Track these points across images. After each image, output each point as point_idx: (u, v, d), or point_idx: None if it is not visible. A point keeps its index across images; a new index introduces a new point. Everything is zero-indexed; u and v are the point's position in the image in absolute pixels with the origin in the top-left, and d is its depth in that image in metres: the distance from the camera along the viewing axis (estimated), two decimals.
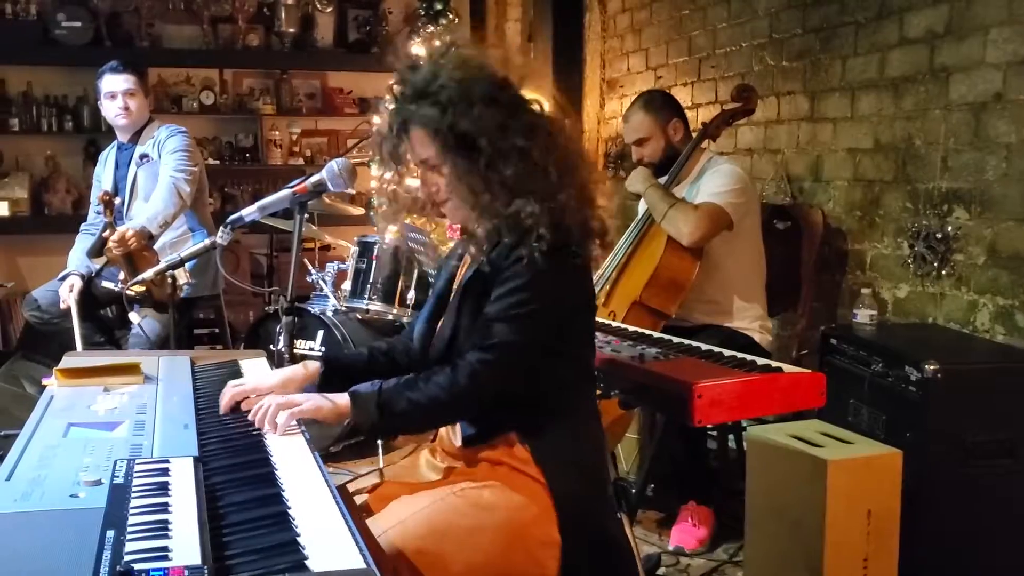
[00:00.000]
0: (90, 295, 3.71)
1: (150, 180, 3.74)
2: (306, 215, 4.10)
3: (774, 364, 2.05)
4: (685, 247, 3.02)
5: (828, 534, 2.31)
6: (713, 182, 3.07)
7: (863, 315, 2.97)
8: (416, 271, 3.87)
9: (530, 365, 1.66)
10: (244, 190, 6.06)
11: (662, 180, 3.21)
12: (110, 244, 3.35)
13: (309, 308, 3.89)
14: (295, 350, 3.89)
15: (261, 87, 6.17)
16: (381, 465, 3.54)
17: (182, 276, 2.66)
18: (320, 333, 3.85)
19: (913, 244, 3.07)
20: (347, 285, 3.97)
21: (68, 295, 3.62)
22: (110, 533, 1.13)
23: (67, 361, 2.12)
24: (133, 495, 1.27)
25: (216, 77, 6.05)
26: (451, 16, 5.69)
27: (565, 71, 5.26)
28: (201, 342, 4.39)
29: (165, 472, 1.37)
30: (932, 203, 3.02)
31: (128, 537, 1.13)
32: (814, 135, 3.58)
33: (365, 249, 3.91)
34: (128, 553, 1.09)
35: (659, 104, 3.29)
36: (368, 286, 3.87)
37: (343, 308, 3.94)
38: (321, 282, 4.05)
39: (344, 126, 6.35)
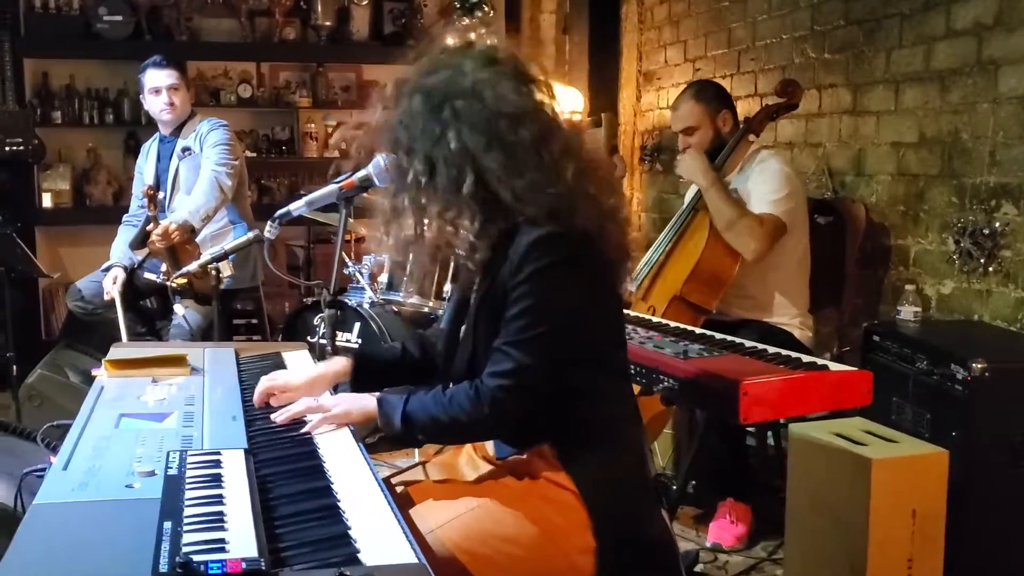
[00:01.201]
0: (132, 286, 3.75)
1: (191, 173, 3.78)
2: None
3: (820, 362, 2.04)
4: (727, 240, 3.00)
5: (872, 534, 2.28)
6: (765, 186, 3.03)
7: (907, 312, 2.93)
8: (452, 264, 3.86)
9: (551, 384, 1.61)
10: (280, 182, 6.09)
11: None
12: (153, 237, 3.39)
13: (346, 300, 3.91)
14: (336, 341, 3.93)
15: (297, 80, 6.20)
16: (417, 458, 3.55)
17: (226, 269, 2.68)
18: (357, 325, 3.87)
19: (959, 240, 3.03)
20: (384, 278, 3.98)
21: (112, 286, 3.67)
22: (167, 524, 1.15)
23: (114, 352, 2.15)
24: (187, 486, 1.28)
25: (253, 70, 6.09)
26: (486, 8, 5.68)
27: (601, 63, 5.25)
28: (239, 333, 4.42)
29: (217, 464, 1.39)
30: (979, 198, 2.97)
31: (185, 528, 1.14)
32: (856, 128, 3.54)
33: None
34: (186, 544, 1.10)
35: (710, 94, 3.27)
36: (405, 279, 3.88)
37: (380, 301, 3.95)
38: (358, 275, 4.07)
39: None
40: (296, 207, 1.82)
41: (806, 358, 2.07)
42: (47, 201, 5.58)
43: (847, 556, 2.33)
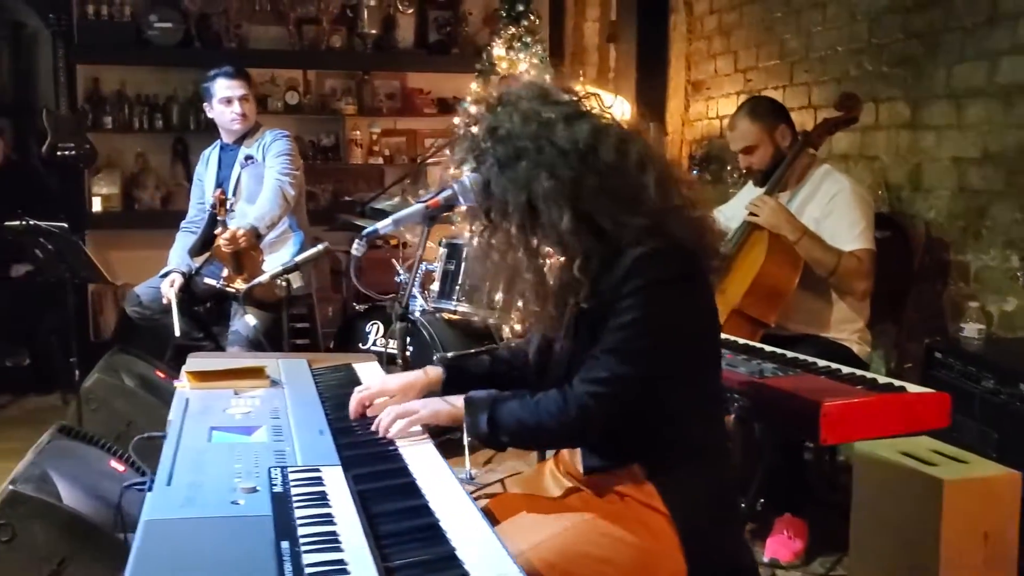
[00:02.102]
0: (189, 292, 3.80)
1: (253, 181, 3.84)
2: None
3: (897, 383, 2.02)
4: (787, 254, 2.99)
5: (943, 555, 2.27)
6: (847, 218, 3.00)
7: (971, 329, 2.91)
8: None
9: (641, 399, 1.61)
10: (325, 188, 6.15)
11: (763, 189, 3.18)
12: (220, 242, 3.45)
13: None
14: (384, 350, 3.96)
15: (343, 87, 6.25)
16: (468, 467, 3.57)
17: (296, 280, 2.72)
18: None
19: None
20: (435, 286, 4.00)
21: (168, 290, 3.72)
22: (284, 544, 1.16)
23: (192, 364, 2.17)
24: (295, 504, 1.30)
25: (300, 78, 6.15)
26: (532, 17, 5.68)
27: (649, 72, 5.24)
28: (290, 339, 4.47)
29: (319, 481, 1.41)
30: None
31: (303, 549, 1.16)
32: (914, 142, 3.51)
33: (453, 251, 3.94)
34: (308, 566, 1.12)
35: (765, 111, 3.25)
36: (456, 288, 3.90)
37: (431, 309, 3.98)
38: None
39: (423, 126, 6.41)
40: (383, 225, 1.84)
41: (882, 379, 2.06)
42: (97, 205, 5.67)
43: None
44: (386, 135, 6.32)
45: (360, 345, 3.98)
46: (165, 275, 3.82)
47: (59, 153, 5.17)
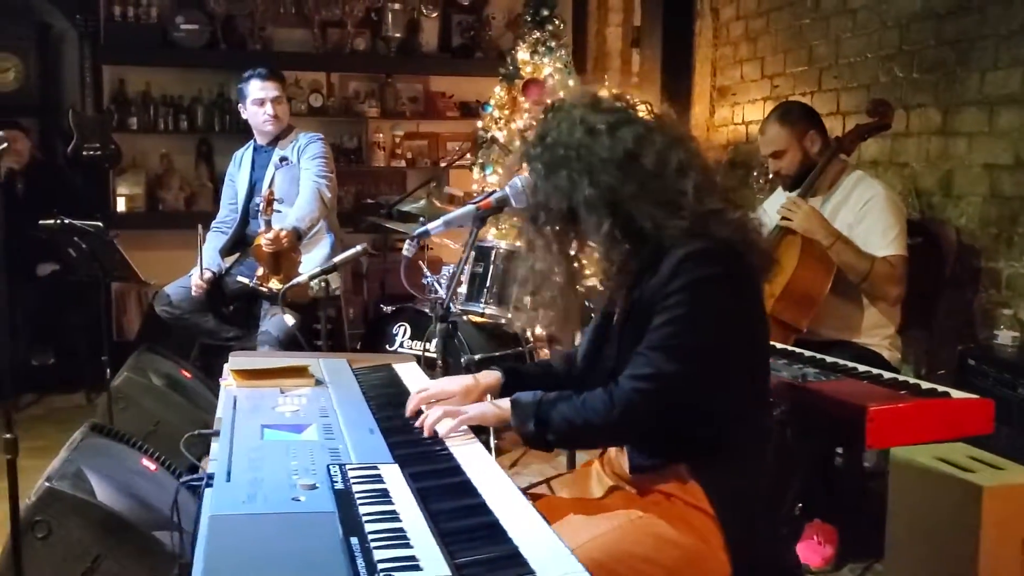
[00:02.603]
0: (219, 291, 3.83)
1: (288, 183, 3.87)
2: (422, 218, 4.16)
3: (940, 388, 2.03)
4: (820, 259, 2.99)
5: (982, 562, 2.26)
6: (880, 224, 3.00)
7: (1004, 336, 2.91)
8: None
9: (688, 396, 1.62)
10: (347, 190, 6.16)
11: (795, 192, 3.18)
12: (263, 241, 3.47)
13: (425, 311, 3.95)
14: (412, 351, 3.96)
15: (366, 90, 6.28)
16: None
17: (335, 281, 2.73)
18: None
19: None
20: (463, 289, 4.01)
21: (199, 281, 3.76)
22: (354, 540, 1.17)
23: (235, 362, 2.19)
24: (359, 501, 1.31)
25: (324, 80, 6.18)
26: (556, 22, 5.69)
27: (673, 77, 5.25)
28: (319, 339, 4.49)
29: (379, 479, 1.41)
30: None
31: (372, 545, 1.17)
32: (945, 149, 3.51)
33: (482, 254, 3.95)
34: (380, 562, 1.12)
35: (796, 116, 3.25)
36: (484, 290, 3.90)
37: (459, 311, 3.99)
38: (436, 284, 4.11)
39: (445, 129, 6.43)
40: (434, 226, 1.85)
41: (925, 384, 2.06)
42: (121, 205, 5.71)
43: None
44: (408, 138, 6.35)
45: (387, 347, 3.99)
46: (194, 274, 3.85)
47: (84, 153, 5.21)
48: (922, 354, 3.38)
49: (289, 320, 2.97)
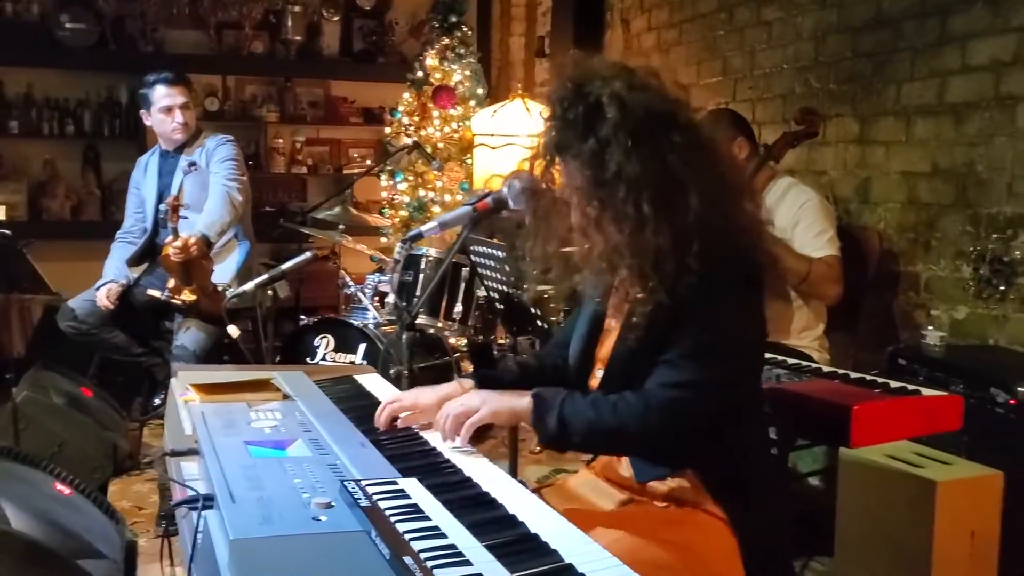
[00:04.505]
0: (128, 304, 3.59)
1: (197, 188, 3.66)
2: (341, 226, 4.02)
3: (910, 387, 2.07)
4: None
5: (935, 556, 2.32)
6: (814, 227, 3.06)
7: (932, 336, 3.02)
8: (463, 285, 3.82)
9: (724, 401, 1.59)
10: None
11: None
12: (170, 251, 3.26)
13: (351, 321, 3.82)
14: (336, 363, 3.81)
15: (264, 94, 6.08)
16: None
17: (283, 289, 2.58)
18: (362, 346, 3.77)
19: (978, 267, 3.13)
20: (390, 299, 3.90)
21: (105, 301, 3.51)
22: (408, 560, 1.08)
23: (190, 376, 2.03)
24: (393, 519, 1.21)
25: (219, 84, 5.94)
26: (465, 29, 5.65)
27: None
28: (231, 353, 4.26)
29: (404, 494, 1.32)
30: (996, 227, 3.08)
31: (429, 564, 1.08)
32: (863, 157, 3.64)
33: (411, 261, 3.85)
34: None
35: (725, 123, 3.30)
36: (414, 299, 3.80)
37: (384, 321, 3.87)
38: (360, 295, 3.98)
39: (347, 135, 6.29)
40: (428, 228, 1.76)
41: (893, 383, 2.10)
42: (1, 214, 5.29)
43: None
44: (310, 144, 6.18)
45: (308, 359, 3.83)
46: (101, 288, 3.59)
47: None
48: (845, 357, 3.48)
49: (233, 331, 2.79)
